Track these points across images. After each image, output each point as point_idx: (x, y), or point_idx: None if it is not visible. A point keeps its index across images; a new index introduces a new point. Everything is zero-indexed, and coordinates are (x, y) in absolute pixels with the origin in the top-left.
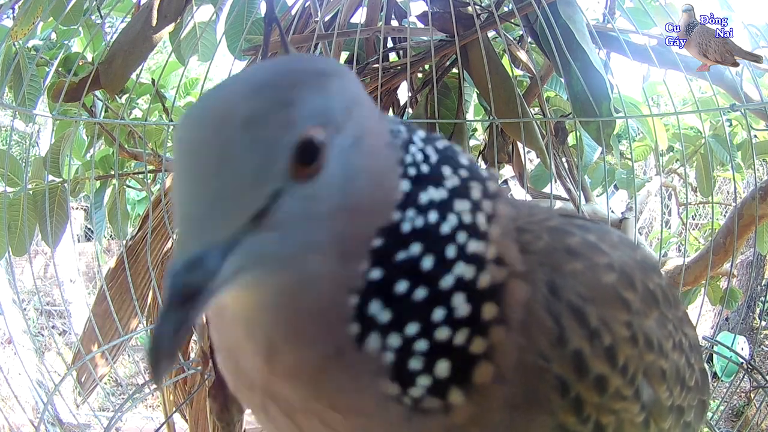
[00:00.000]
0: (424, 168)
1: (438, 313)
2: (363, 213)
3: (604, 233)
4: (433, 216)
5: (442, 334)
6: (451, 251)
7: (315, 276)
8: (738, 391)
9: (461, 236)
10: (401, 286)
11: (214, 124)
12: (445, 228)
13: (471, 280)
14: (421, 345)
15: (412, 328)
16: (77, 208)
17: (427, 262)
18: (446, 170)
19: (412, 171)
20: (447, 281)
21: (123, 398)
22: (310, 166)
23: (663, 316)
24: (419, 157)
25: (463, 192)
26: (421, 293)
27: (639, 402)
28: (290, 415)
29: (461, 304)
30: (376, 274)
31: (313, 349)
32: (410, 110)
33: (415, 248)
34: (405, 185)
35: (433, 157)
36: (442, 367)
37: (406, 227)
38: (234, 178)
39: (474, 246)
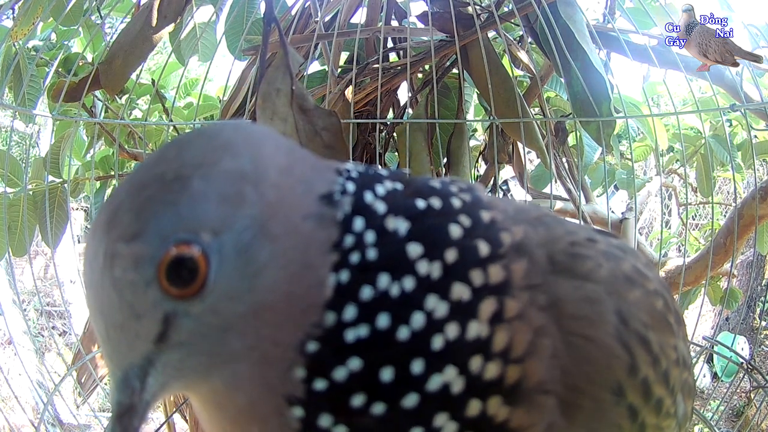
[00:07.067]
0: (371, 253)
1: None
2: (277, 314)
3: (634, 253)
4: (383, 320)
5: None
6: (417, 366)
7: (241, 380)
8: (738, 391)
9: (437, 341)
10: (356, 401)
11: (89, 264)
12: (403, 334)
13: (457, 395)
14: None
15: None
16: (77, 209)
17: (386, 375)
18: (415, 249)
19: (354, 258)
20: (411, 400)
21: None
22: (191, 284)
23: (684, 333)
24: (368, 235)
25: (440, 284)
26: (379, 408)
27: (677, 417)
28: None
29: (445, 423)
30: (320, 384)
31: None
32: (410, 110)
33: (355, 363)
34: (342, 276)
35: (401, 227)
36: None
37: (349, 336)
38: (120, 313)
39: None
